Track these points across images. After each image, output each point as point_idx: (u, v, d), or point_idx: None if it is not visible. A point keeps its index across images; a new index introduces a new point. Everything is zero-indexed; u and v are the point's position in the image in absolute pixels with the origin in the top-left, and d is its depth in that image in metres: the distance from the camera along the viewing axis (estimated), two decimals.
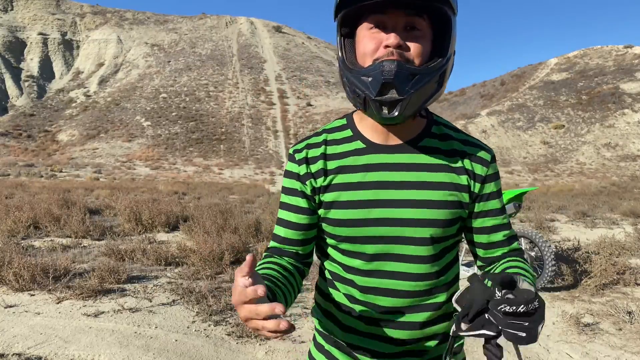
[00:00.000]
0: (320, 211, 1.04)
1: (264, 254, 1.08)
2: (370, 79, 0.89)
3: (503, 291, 0.74)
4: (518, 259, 1.02)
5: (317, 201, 1.04)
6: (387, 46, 0.89)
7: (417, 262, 0.99)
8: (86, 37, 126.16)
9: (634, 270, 5.26)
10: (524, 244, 4.96)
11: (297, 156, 1.05)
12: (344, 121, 1.09)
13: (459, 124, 59.67)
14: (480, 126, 58.80)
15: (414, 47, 0.90)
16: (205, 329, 3.55)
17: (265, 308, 0.67)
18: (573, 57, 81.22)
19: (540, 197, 18.28)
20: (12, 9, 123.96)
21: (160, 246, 6.22)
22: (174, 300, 4.16)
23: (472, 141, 1.06)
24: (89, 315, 3.71)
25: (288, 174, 1.08)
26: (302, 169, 1.04)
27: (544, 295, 4.75)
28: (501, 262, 1.03)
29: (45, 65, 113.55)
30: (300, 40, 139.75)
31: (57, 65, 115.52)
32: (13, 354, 2.97)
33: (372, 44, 0.91)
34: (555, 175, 43.49)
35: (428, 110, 1.08)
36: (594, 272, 4.87)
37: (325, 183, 1.02)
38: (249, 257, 0.71)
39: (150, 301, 4.12)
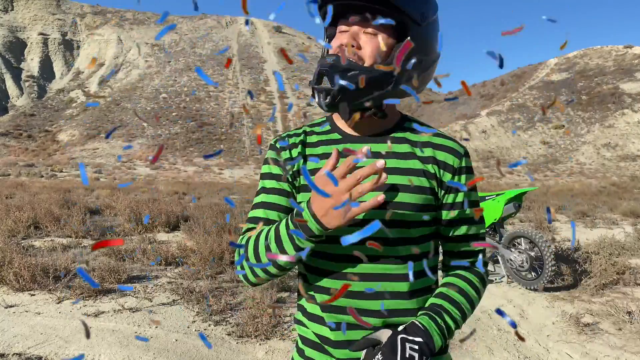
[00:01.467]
0: (298, 195, 1.07)
1: (245, 234, 1.05)
2: (317, 68, 0.99)
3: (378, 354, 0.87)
4: (460, 274, 1.05)
5: (296, 184, 1.08)
6: (340, 45, 0.99)
7: (390, 245, 1.00)
8: (86, 37, 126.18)
9: (633, 270, 5.26)
10: (524, 244, 4.96)
11: (279, 144, 1.10)
12: (323, 118, 1.19)
13: (459, 124, 59.69)
14: (480, 126, 58.80)
15: (365, 47, 0.99)
16: (205, 329, 3.55)
17: (366, 169, 0.79)
18: (573, 57, 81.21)
19: (540, 197, 18.28)
20: (12, 9, 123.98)
21: (160, 246, 6.23)
22: (174, 300, 4.17)
23: (443, 134, 1.10)
24: (89, 315, 3.71)
25: (267, 161, 1.12)
26: (284, 154, 1.09)
27: (544, 295, 4.75)
28: (445, 279, 1.08)
29: (46, 65, 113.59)
30: (300, 40, 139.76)
31: (58, 65, 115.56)
32: (13, 354, 2.97)
33: (337, 42, 1.01)
34: (555, 175, 43.50)
35: (402, 113, 1.15)
36: (593, 272, 4.87)
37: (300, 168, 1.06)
38: (335, 151, 0.82)
39: (150, 301, 4.13)
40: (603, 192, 22.73)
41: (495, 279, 5.27)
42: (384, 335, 0.90)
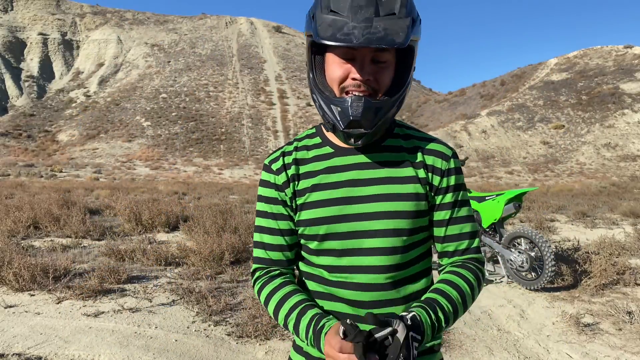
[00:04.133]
0: (297, 214, 1.10)
1: (261, 271, 1.13)
2: (339, 110, 0.98)
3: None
4: (455, 270, 1.07)
5: (293, 206, 1.10)
6: (354, 78, 0.98)
7: (385, 254, 1.03)
8: (86, 37, 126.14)
9: (633, 270, 5.26)
10: (524, 244, 4.96)
11: (274, 166, 1.12)
12: (313, 130, 1.18)
13: (459, 124, 59.69)
14: (480, 126, 58.79)
15: (380, 79, 0.99)
16: (205, 329, 3.55)
17: None
18: (573, 57, 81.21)
19: (540, 197, 18.28)
20: (12, 9, 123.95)
21: (160, 246, 6.22)
22: (174, 301, 4.16)
23: (432, 139, 1.13)
24: (89, 316, 3.71)
25: (265, 184, 1.13)
26: (280, 178, 1.10)
27: (544, 295, 4.75)
28: (442, 273, 1.10)
29: (45, 65, 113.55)
30: (300, 40, 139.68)
31: (57, 65, 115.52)
32: (13, 354, 2.97)
33: (340, 72, 0.99)
34: (555, 176, 43.49)
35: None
36: (593, 272, 4.87)
37: (299, 187, 1.09)
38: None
39: (150, 301, 4.12)
40: (603, 192, 22.73)
41: (495, 279, 5.27)
42: (395, 324, 0.87)
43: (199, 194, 19.91)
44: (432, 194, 1.08)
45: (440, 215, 1.09)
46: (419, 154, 1.09)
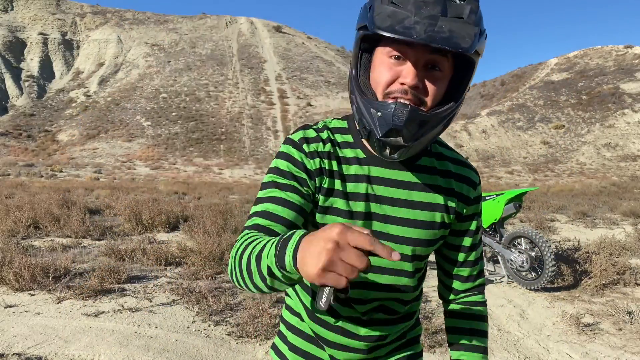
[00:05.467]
0: (317, 215, 0.98)
1: (248, 233, 0.87)
2: (379, 115, 0.87)
3: None
4: (474, 314, 1.11)
5: (313, 200, 0.97)
6: (403, 83, 0.87)
7: (398, 275, 1.03)
8: (86, 37, 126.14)
9: (634, 270, 5.26)
10: (524, 244, 4.96)
11: (307, 147, 0.97)
12: (344, 124, 1.05)
13: (459, 124, 59.67)
14: (480, 126, 58.78)
15: (431, 89, 0.88)
16: (205, 329, 3.55)
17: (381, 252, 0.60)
18: (573, 57, 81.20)
19: (540, 197, 18.27)
20: (12, 9, 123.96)
21: (160, 246, 6.22)
22: (174, 300, 4.16)
23: (463, 161, 1.09)
24: (89, 315, 3.71)
25: (290, 159, 0.96)
26: (311, 163, 0.96)
27: (544, 295, 4.75)
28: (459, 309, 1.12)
29: (45, 65, 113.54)
30: (300, 40, 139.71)
31: (57, 65, 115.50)
32: (13, 354, 2.97)
33: (389, 75, 0.88)
34: (556, 176, 43.48)
35: None
36: (594, 272, 4.87)
37: (326, 185, 0.97)
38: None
39: (150, 301, 4.12)
40: (603, 192, 22.72)
41: (496, 279, 5.27)
42: None
43: (199, 193, 19.91)
44: (457, 221, 1.07)
45: (464, 241, 1.09)
46: (452, 181, 1.04)
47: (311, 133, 1.00)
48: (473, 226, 1.09)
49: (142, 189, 21.57)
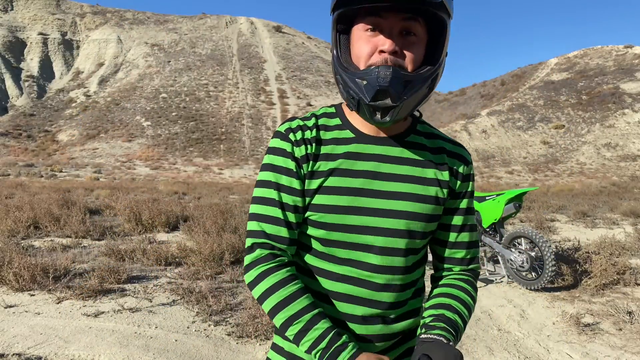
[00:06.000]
0: (315, 197, 1.00)
1: (263, 250, 0.99)
2: (365, 83, 0.90)
3: None
4: (461, 285, 1.06)
5: (304, 187, 1.01)
6: (382, 51, 0.90)
7: (393, 255, 1.00)
8: (86, 37, 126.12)
9: (634, 270, 5.26)
10: (524, 244, 4.96)
11: (293, 136, 1.01)
12: (332, 109, 1.09)
13: (459, 124, 59.67)
14: (481, 126, 58.78)
15: (408, 54, 0.92)
16: (205, 329, 3.55)
17: None
18: (573, 57, 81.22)
19: (540, 197, 18.27)
20: (12, 9, 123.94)
21: (160, 246, 6.22)
22: (174, 301, 4.16)
23: (455, 141, 1.10)
24: (89, 316, 3.71)
25: (279, 152, 1.01)
26: (298, 151, 1.00)
27: (544, 295, 4.75)
28: (446, 282, 1.08)
29: (45, 65, 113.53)
30: (300, 40, 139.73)
31: (57, 65, 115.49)
32: (13, 354, 2.97)
33: (368, 47, 0.92)
34: (556, 175, 43.48)
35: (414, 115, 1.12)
36: (594, 272, 4.87)
37: (314, 168, 1.00)
38: None
39: (150, 301, 4.12)
40: (603, 192, 22.72)
41: (496, 279, 5.27)
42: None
43: (199, 193, 19.91)
44: (449, 198, 1.06)
45: (455, 220, 1.07)
46: (444, 156, 1.05)
47: (296, 123, 1.04)
48: (464, 204, 1.07)
49: (142, 189, 21.57)
